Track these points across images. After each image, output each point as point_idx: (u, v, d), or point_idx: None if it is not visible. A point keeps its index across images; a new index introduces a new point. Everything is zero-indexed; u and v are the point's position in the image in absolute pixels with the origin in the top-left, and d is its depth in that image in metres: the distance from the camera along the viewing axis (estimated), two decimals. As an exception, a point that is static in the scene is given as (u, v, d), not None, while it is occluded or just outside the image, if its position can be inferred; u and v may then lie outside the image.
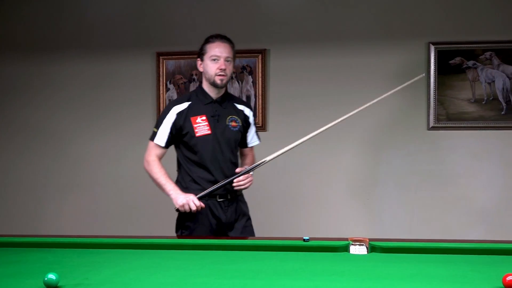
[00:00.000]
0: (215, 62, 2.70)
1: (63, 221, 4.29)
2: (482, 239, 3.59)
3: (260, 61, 4.06)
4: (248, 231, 2.81)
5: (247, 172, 2.69)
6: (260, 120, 4.04)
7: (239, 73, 4.11)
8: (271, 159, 2.74)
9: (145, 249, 2.21)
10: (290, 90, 4.07)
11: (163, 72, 4.19)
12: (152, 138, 2.75)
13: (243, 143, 2.89)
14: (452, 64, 3.91)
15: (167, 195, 2.70)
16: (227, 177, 2.69)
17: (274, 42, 4.04)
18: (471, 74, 3.91)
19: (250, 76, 4.10)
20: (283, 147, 2.97)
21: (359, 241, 2.18)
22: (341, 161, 4.05)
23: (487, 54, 3.89)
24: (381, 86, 3.97)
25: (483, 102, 3.91)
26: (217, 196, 2.70)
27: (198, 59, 2.78)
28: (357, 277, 1.75)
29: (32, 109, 4.37)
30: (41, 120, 4.36)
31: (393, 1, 4.00)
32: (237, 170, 2.72)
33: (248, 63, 4.10)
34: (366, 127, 3.89)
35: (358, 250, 2.13)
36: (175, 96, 4.18)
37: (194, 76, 4.16)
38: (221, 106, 2.77)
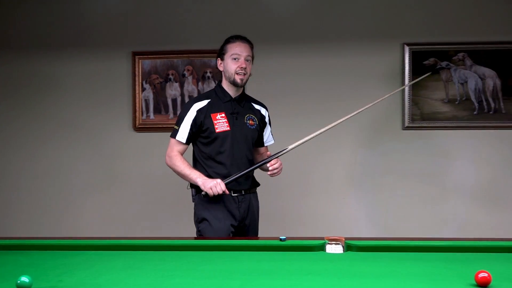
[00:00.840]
0: (235, 61, 2.78)
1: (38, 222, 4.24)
2: (456, 237, 3.65)
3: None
4: (252, 229, 2.88)
5: (274, 158, 2.75)
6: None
7: (216, 72, 4.10)
8: (293, 148, 2.81)
9: (120, 251, 2.19)
10: (266, 89, 4.07)
11: (139, 71, 4.15)
12: (174, 135, 2.82)
13: (259, 142, 2.97)
14: (426, 64, 3.97)
15: (194, 183, 2.75)
16: (241, 171, 2.75)
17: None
18: (444, 75, 3.97)
19: (226, 76, 4.09)
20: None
21: (335, 240, 2.20)
22: (317, 160, 4.07)
23: (460, 55, 3.96)
24: (357, 87, 4.03)
25: (456, 102, 3.98)
26: (232, 191, 2.75)
27: (218, 58, 2.86)
28: (333, 276, 1.77)
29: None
30: (8, 121, 4.28)
31: (368, 2, 4.04)
32: (268, 155, 2.81)
33: (225, 63, 4.09)
34: (342, 127, 3.91)
35: (334, 249, 2.15)
36: (151, 96, 4.15)
37: (171, 76, 4.14)
38: (239, 105, 2.85)
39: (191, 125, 2.78)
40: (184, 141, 2.80)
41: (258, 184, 2.94)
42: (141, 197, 4.19)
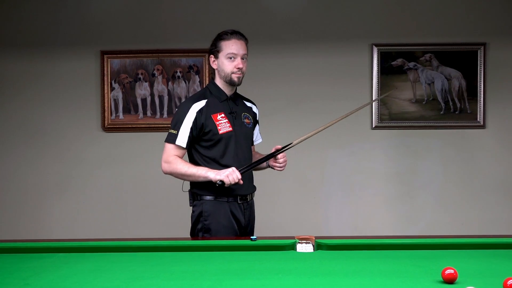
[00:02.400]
0: (231, 60, 2.59)
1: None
2: (423, 234, 3.72)
3: (206, 60, 4.04)
4: (251, 234, 2.76)
5: (282, 151, 2.65)
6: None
7: (186, 72, 4.09)
8: (298, 142, 2.69)
9: (88, 253, 2.16)
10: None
11: (107, 71, 4.10)
12: (172, 140, 2.57)
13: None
14: (394, 65, 4.03)
15: (204, 179, 2.51)
16: (246, 175, 2.61)
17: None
18: (412, 75, 4.04)
19: (197, 76, 4.08)
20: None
21: (306, 239, 2.21)
22: (287, 160, 4.08)
23: (427, 56, 4.03)
24: (325, 87, 4.07)
25: (424, 102, 4.05)
26: (238, 198, 2.61)
27: (211, 55, 2.65)
28: (303, 275, 1.78)
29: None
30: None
31: (337, 3, 4.08)
32: (276, 148, 2.67)
33: (195, 62, 4.08)
34: (312, 126, 3.94)
35: (304, 248, 2.16)
36: (120, 96, 4.10)
37: (140, 76, 4.10)
38: (234, 103, 2.70)
39: (192, 128, 2.55)
40: (184, 145, 2.56)
41: (256, 188, 2.80)
42: (111, 198, 4.13)
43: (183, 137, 2.56)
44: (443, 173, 4.08)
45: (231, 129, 2.60)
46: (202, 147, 2.61)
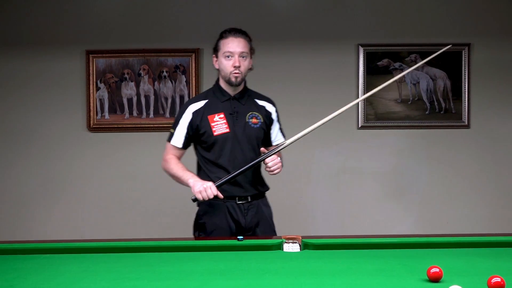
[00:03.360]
0: (229, 59, 2.55)
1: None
2: (409, 233, 3.74)
3: (193, 60, 4.03)
4: (272, 233, 2.71)
5: (270, 155, 2.52)
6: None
7: (172, 72, 4.07)
8: (291, 143, 2.59)
9: (74, 254, 2.14)
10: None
11: (93, 70, 4.07)
12: (169, 139, 2.63)
13: (267, 141, 2.73)
14: (380, 65, 4.05)
15: (186, 185, 2.54)
16: (247, 176, 2.57)
17: (206, 42, 4.02)
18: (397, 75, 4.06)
19: (183, 76, 4.07)
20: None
21: (292, 239, 2.22)
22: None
23: (412, 56, 4.06)
24: (311, 87, 4.08)
25: (409, 102, 4.08)
26: (237, 198, 2.58)
27: (213, 55, 2.63)
28: (290, 274, 1.78)
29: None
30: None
31: (323, 3, 4.09)
32: (262, 151, 2.56)
33: (181, 62, 4.06)
34: (298, 126, 3.95)
35: (291, 247, 2.16)
36: (106, 96, 4.08)
37: (126, 75, 4.07)
38: (239, 103, 2.62)
39: (188, 129, 2.58)
40: (180, 145, 2.60)
41: (267, 188, 2.74)
42: (96, 198, 4.11)
43: (179, 138, 2.61)
44: (428, 172, 4.11)
45: (228, 130, 2.57)
46: (201, 148, 2.64)
